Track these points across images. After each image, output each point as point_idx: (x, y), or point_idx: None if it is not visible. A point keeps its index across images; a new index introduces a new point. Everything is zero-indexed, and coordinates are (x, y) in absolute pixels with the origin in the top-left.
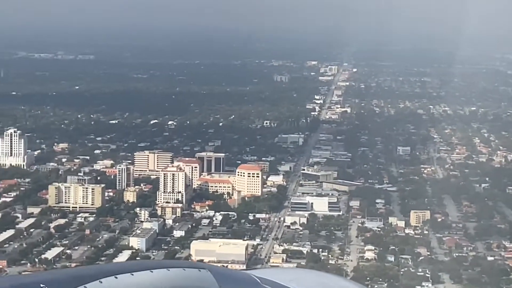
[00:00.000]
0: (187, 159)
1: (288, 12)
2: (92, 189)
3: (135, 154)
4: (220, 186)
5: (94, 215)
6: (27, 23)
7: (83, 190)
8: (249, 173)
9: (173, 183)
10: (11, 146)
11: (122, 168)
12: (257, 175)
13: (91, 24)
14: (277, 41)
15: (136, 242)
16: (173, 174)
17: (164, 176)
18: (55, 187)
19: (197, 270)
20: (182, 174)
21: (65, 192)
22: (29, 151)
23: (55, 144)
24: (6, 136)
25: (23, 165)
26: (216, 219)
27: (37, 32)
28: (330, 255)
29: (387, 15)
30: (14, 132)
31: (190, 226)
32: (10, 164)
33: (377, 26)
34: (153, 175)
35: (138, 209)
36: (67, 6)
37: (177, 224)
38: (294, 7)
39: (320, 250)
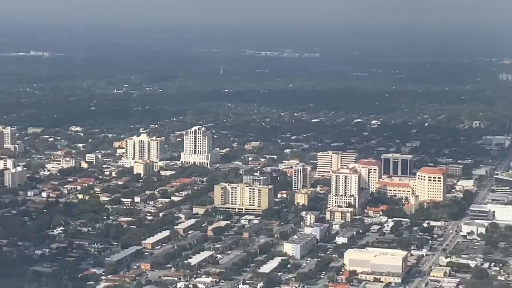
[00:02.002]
0: (366, 160)
1: None
2: (259, 190)
3: (317, 154)
4: (399, 190)
5: (259, 218)
6: (257, 20)
7: (250, 191)
8: (430, 177)
9: (345, 185)
10: (195, 143)
11: (298, 169)
12: (439, 179)
13: (322, 22)
14: None
15: (291, 249)
16: (345, 176)
17: (336, 178)
18: (221, 187)
19: None
20: (355, 176)
21: (231, 192)
22: (217, 148)
23: (247, 142)
24: (190, 133)
25: (207, 163)
26: (387, 225)
27: (268, 30)
28: (501, 271)
29: None
30: (198, 129)
31: (355, 232)
32: (194, 162)
33: None
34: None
35: (304, 212)
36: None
37: (343, 230)
38: None
39: (492, 264)
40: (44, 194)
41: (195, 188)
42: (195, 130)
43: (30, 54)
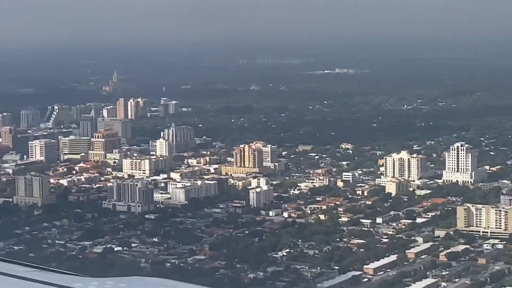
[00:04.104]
0: None
1: None
2: (505, 212)
3: None
4: None
5: (503, 242)
6: None
7: (496, 213)
8: None
9: None
10: (457, 161)
11: None
12: None
13: None
14: None
15: None
16: None
17: None
18: (464, 208)
19: None
20: None
21: (476, 214)
22: (486, 166)
23: None
24: (452, 150)
25: (470, 181)
26: None
27: None
28: None
29: None
30: (461, 146)
31: None
32: (456, 181)
33: None
34: None
35: None
36: None
37: None
38: None
39: None
40: (285, 214)
41: (446, 208)
42: (458, 147)
43: (335, 72)
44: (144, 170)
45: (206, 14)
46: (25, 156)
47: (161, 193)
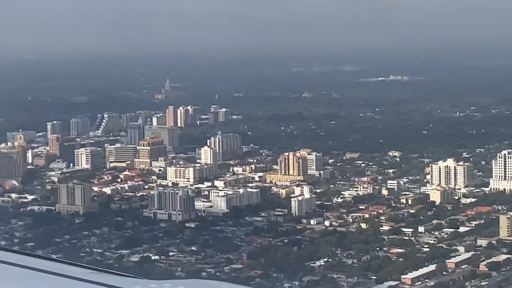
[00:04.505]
0: None
1: None
2: None
3: None
4: None
5: None
6: None
7: None
8: None
9: None
10: (504, 168)
11: None
12: None
13: None
14: None
15: None
16: None
17: None
18: (507, 217)
19: None
20: None
21: None
22: None
23: None
24: (499, 157)
25: None
26: None
27: None
28: None
29: None
30: (508, 153)
31: None
32: (503, 189)
33: None
34: None
35: None
36: None
37: None
38: None
39: None
40: (327, 223)
41: (490, 217)
42: (505, 154)
43: (389, 79)
44: (188, 178)
45: (262, 22)
46: (71, 164)
47: (203, 201)
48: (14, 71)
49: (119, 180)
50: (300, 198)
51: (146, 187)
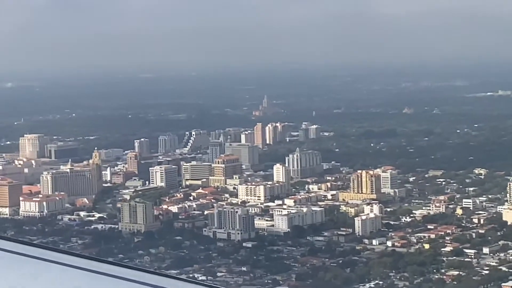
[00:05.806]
0: None
1: None
2: None
3: None
4: None
5: None
6: None
7: None
8: None
9: None
10: None
11: None
12: None
13: None
14: None
15: None
16: None
17: None
18: None
19: None
20: None
21: None
22: None
23: None
24: None
25: None
26: None
27: None
28: None
29: None
30: None
31: None
32: None
33: None
34: None
35: None
36: None
37: None
38: None
39: None
40: (389, 243)
41: None
42: None
43: (497, 94)
44: (259, 196)
45: (366, 38)
46: (147, 182)
47: (266, 220)
48: (127, 89)
49: (191, 198)
50: (364, 217)
51: (214, 205)
